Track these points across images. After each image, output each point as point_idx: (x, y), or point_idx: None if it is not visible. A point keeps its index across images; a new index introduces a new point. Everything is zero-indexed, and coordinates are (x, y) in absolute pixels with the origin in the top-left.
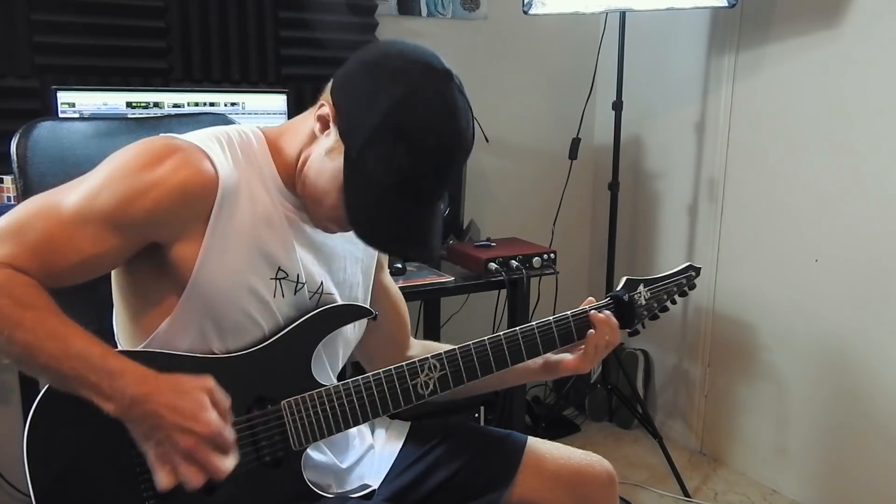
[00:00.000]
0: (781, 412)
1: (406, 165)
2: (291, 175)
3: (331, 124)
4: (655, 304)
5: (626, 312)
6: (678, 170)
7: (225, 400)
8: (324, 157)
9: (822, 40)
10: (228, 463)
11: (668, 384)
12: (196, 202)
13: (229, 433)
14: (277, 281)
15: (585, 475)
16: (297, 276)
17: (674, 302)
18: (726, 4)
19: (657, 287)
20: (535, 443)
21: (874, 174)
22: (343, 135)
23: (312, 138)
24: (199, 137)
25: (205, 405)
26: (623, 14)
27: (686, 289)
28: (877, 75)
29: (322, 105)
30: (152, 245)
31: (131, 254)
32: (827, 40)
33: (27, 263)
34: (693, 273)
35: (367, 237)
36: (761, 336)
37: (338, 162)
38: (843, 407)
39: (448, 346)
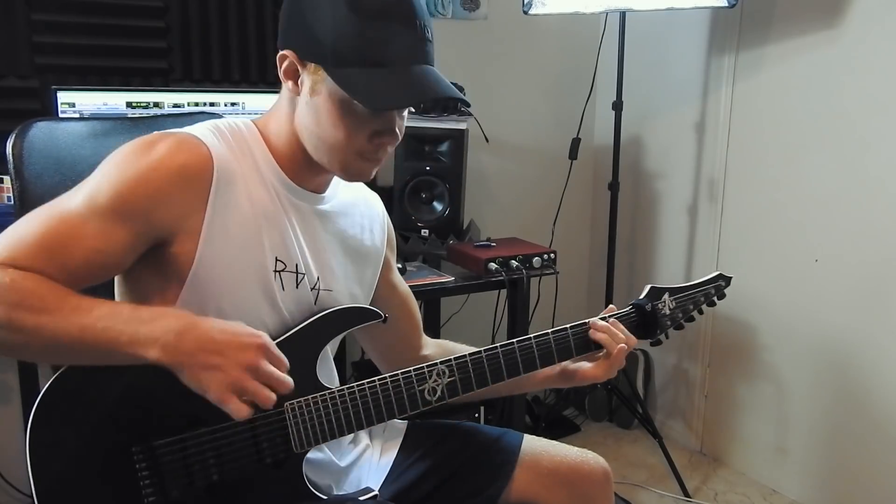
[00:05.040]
0: (781, 412)
1: (388, 32)
2: (289, 159)
3: (298, 67)
4: (681, 315)
5: (649, 322)
6: (678, 170)
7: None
8: (311, 101)
9: (822, 40)
10: (289, 379)
11: (668, 384)
12: (194, 181)
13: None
14: (277, 273)
15: (581, 472)
16: (297, 266)
17: (701, 312)
18: (726, 4)
19: (683, 296)
20: (530, 441)
21: (874, 174)
22: (315, 59)
23: (293, 105)
24: (192, 127)
25: (247, 328)
26: (623, 14)
27: (715, 298)
28: (877, 75)
29: (279, 61)
30: (153, 245)
31: (138, 250)
32: (827, 40)
33: (33, 262)
34: (723, 283)
35: (406, 102)
36: (761, 336)
37: (325, 88)
38: (844, 407)
39: (463, 347)
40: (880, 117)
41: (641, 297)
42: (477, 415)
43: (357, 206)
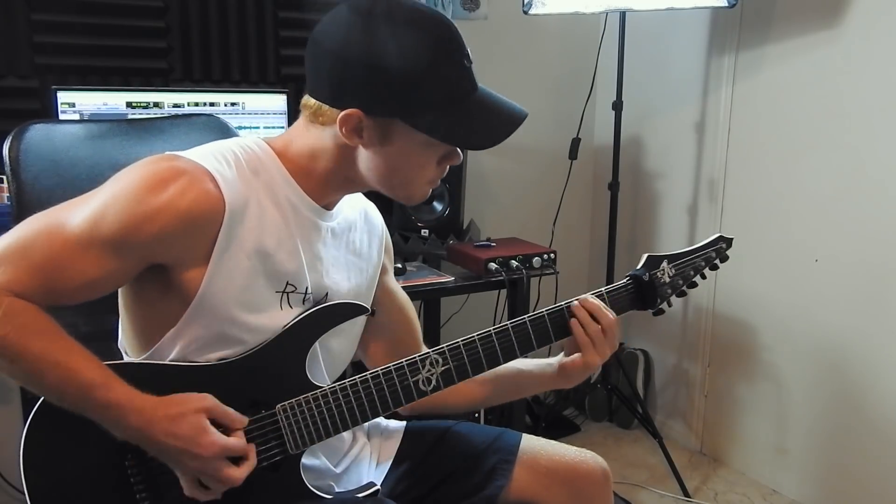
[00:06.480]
0: (781, 412)
1: (452, 72)
2: (310, 179)
3: (365, 122)
4: (681, 281)
5: (648, 292)
6: (678, 170)
7: (228, 411)
8: (382, 151)
9: (822, 40)
10: (239, 472)
11: (668, 384)
12: (202, 227)
13: (236, 442)
14: (285, 294)
15: (580, 471)
16: (306, 288)
17: (703, 276)
18: (726, 4)
19: (682, 262)
20: (529, 440)
21: (874, 174)
22: (386, 112)
23: (346, 152)
24: (203, 156)
25: (203, 427)
26: (623, 14)
27: (717, 261)
28: (876, 75)
29: (341, 122)
30: (158, 264)
31: (134, 275)
32: (827, 40)
33: (30, 287)
34: (724, 245)
35: (488, 143)
36: (761, 336)
37: (403, 138)
38: (843, 407)
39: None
40: (880, 117)
41: (638, 266)
42: (477, 415)
43: (359, 219)
